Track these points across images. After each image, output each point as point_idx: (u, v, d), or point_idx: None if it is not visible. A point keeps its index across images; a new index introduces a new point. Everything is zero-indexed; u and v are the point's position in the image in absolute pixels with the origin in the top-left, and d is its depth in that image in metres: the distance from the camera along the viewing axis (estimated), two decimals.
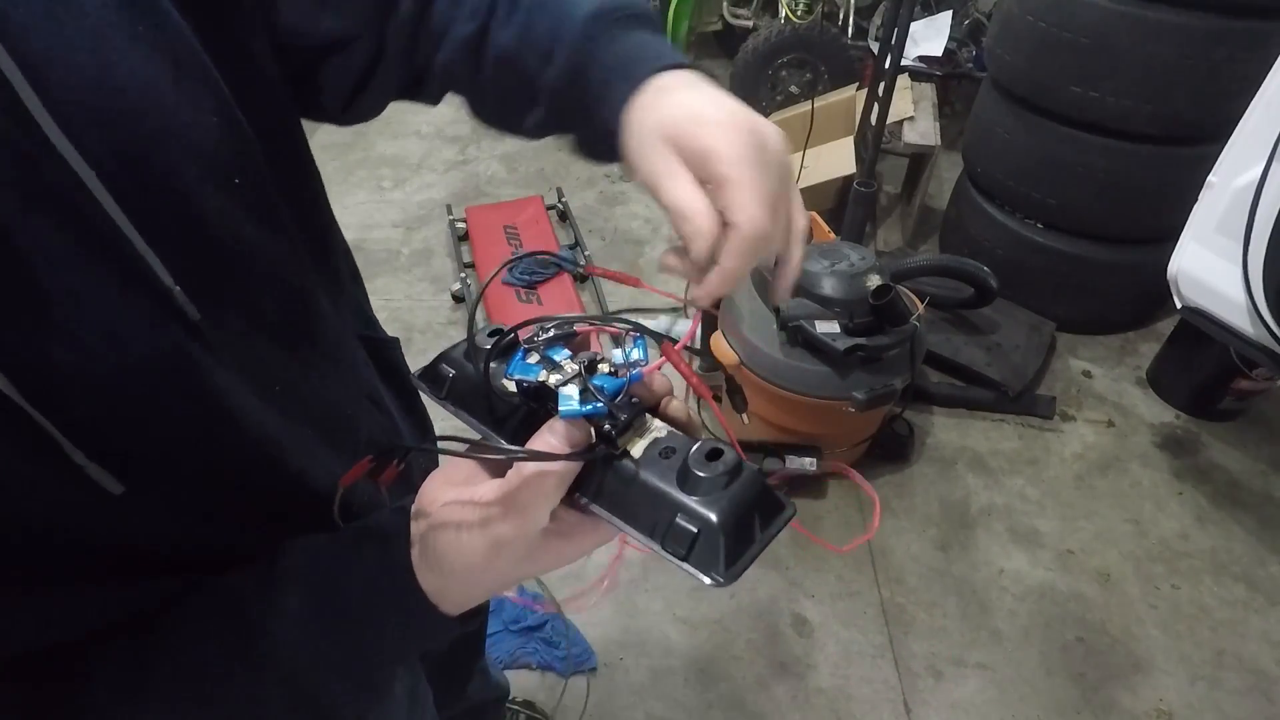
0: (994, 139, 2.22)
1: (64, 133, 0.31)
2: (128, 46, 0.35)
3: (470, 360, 0.43)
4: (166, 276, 0.36)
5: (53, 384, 0.32)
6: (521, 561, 0.39)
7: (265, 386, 0.44)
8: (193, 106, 0.38)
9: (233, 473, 0.42)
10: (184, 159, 0.37)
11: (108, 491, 0.35)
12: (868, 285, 1.54)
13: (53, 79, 0.31)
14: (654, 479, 0.36)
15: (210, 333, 0.39)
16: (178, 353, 0.37)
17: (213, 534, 0.42)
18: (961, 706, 1.52)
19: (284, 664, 0.40)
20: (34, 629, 0.37)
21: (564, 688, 1.54)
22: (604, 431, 0.37)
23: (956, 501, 1.89)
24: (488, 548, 0.37)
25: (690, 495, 0.35)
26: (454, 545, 0.38)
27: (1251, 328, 1.34)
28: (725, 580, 0.34)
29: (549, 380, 0.38)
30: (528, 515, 0.37)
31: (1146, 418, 2.11)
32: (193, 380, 0.38)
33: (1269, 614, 1.67)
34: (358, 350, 0.61)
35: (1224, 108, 1.55)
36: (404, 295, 2.50)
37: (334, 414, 0.52)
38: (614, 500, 0.37)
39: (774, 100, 3.11)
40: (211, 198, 0.39)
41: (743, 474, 0.36)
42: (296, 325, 0.48)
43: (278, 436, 0.44)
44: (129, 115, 0.35)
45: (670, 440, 0.38)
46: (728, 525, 0.34)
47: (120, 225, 0.34)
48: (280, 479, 0.45)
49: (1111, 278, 2.21)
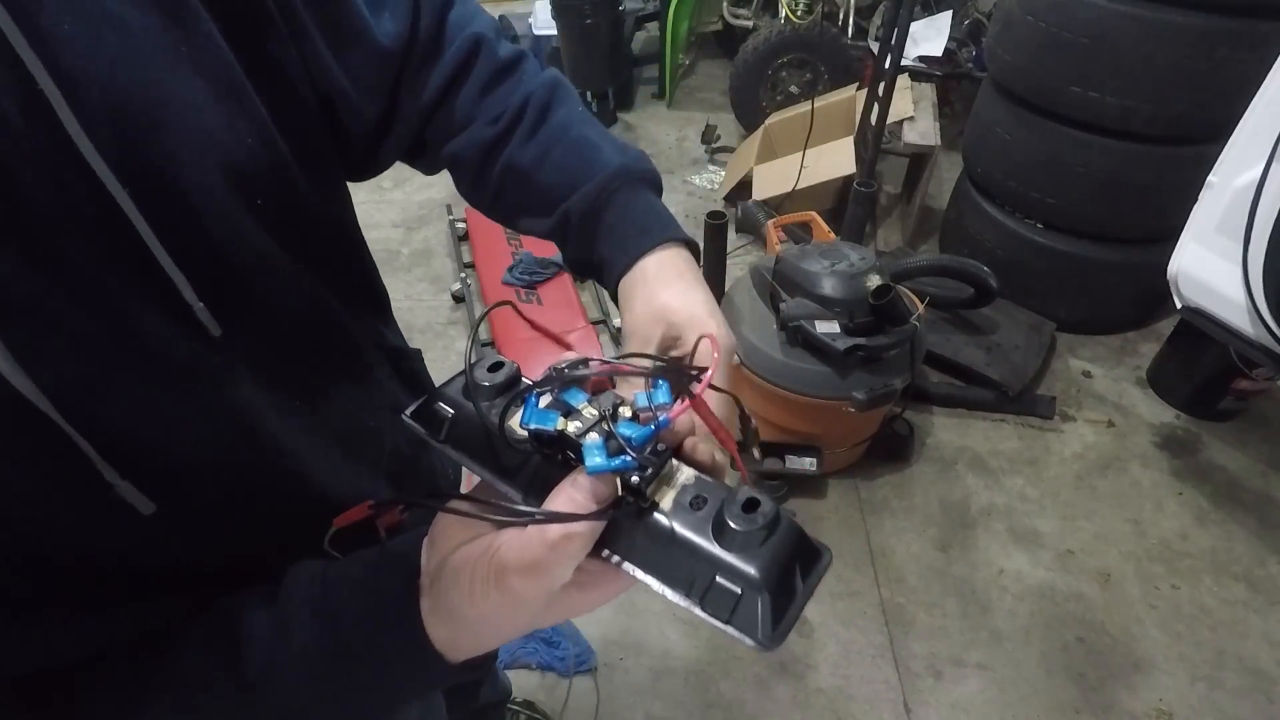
0: (994, 139, 2.22)
1: (99, 151, 0.32)
2: (170, 66, 0.35)
3: (470, 399, 0.37)
4: (189, 292, 0.36)
5: (85, 399, 0.32)
6: (539, 616, 0.37)
7: (286, 401, 0.44)
8: (230, 127, 0.39)
9: (256, 488, 0.42)
10: (217, 178, 0.38)
11: (138, 512, 0.35)
12: (868, 285, 1.54)
13: (92, 97, 0.32)
14: (688, 533, 0.33)
15: (231, 349, 0.39)
16: (199, 368, 0.37)
17: (237, 551, 0.42)
18: (961, 706, 1.52)
19: (282, 700, 0.39)
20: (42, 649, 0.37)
21: (564, 688, 1.54)
22: (631, 484, 0.34)
23: (956, 501, 1.89)
24: (504, 606, 0.35)
25: (728, 551, 0.33)
26: (468, 599, 0.35)
27: (1251, 328, 1.34)
28: (771, 645, 0.32)
29: (568, 429, 0.34)
30: (548, 575, 0.34)
31: (1146, 418, 2.11)
32: (214, 395, 0.38)
33: (1269, 614, 1.67)
34: (381, 363, 0.61)
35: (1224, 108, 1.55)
36: (404, 295, 2.50)
37: (356, 427, 0.53)
38: (645, 557, 0.34)
39: (774, 100, 3.11)
40: (240, 217, 0.40)
41: (781, 525, 0.33)
42: (317, 341, 0.48)
43: (300, 451, 0.44)
44: (166, 134, 0.35)
45: (700, 488, 0.35)
46: (771, 583, 0.32)
47: (148, 242, 0.34)
48: (303, 493, 0.45)
49: (1111, 278, 2.21)
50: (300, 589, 0.40)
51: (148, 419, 0.35)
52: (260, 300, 0.42)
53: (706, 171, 3.14)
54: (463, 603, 0.36)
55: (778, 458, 1.79)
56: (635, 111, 3.57)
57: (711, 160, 3.20)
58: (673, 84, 3.59)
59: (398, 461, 0.57)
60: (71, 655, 0.37)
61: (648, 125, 3.47)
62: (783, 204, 2.61)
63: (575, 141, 0.56)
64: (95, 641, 0.38)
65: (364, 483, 0.52)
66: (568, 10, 3.05)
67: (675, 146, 3.32)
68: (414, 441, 0.61)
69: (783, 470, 1.79)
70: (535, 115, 0.56)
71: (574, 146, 0.56)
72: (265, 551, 0.43)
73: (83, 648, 0.38)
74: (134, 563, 0.38)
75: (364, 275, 0.59)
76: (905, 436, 1.98)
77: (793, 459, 1.78)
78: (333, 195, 0.53)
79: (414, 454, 0.61)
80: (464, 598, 0.35)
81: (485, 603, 0.35)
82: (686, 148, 3.30)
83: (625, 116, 3.50)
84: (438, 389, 0.39)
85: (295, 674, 0.38)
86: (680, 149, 3.30)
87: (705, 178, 3.10)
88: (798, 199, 2.58)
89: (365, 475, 0.52)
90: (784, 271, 1.63)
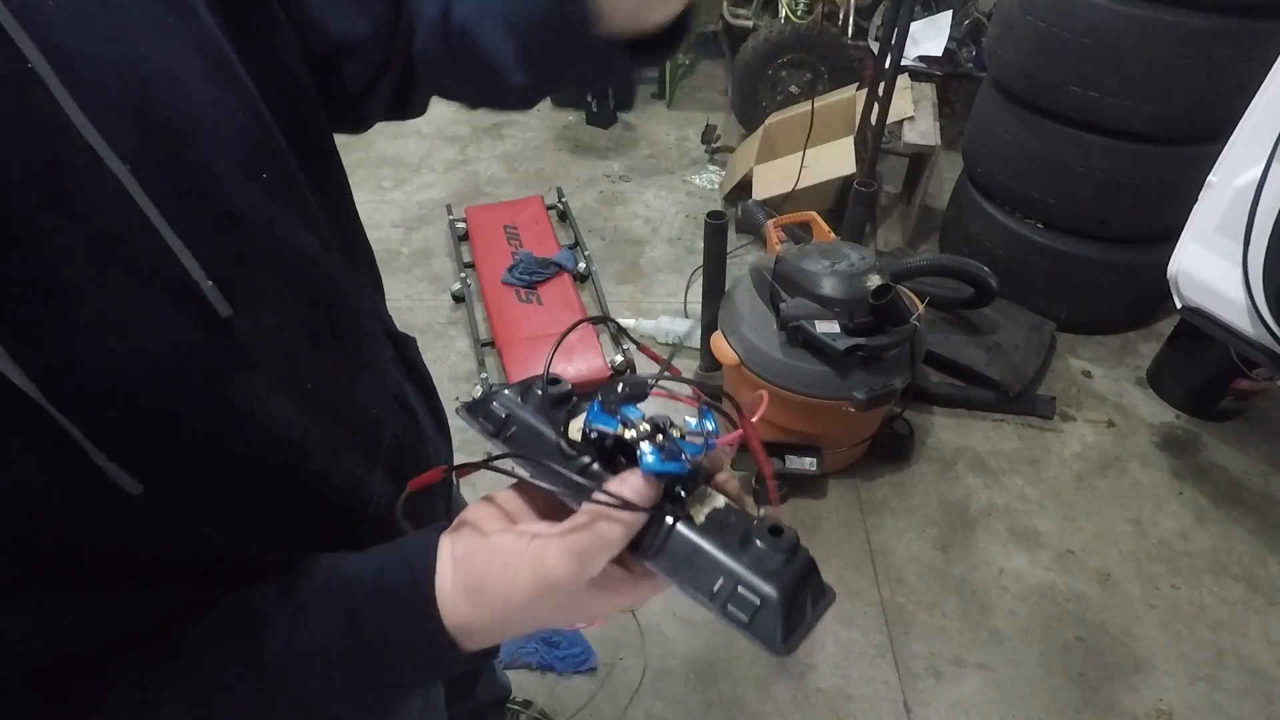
0: (994, 139, 2.22)
1: (95, 126, 0.31)
2: (158, 40, 0.35)
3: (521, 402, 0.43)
4: (198, 271, 0.35)
5: (74, 383, 0.32)
6: (560, 608, 0.38)
7: (294, 384, 0.43)
8: (222, 101, 0.38)
9: (252, 471, 0.41)
10: (216, 153, 0.37)
11: (127, 492, 0.35)
12: (868, 285, 1.54)
13: (83, 73, 0.31)
14: (717, 547, 0.37)
15: (240, 329, 0.38)
16: (204, 349, 0.37)
17: (231, 535, 0.42)
18: (961, 706, 1.52)
19: (299, 685, 0.39)
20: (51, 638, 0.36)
21: (564, 688, 1.54)
22: (673, 492, 0.38)
23: (956, 501, 1.89)
24: (536, 587, 0.36)
25: (751, 568, 0.36)
26: (500, 578, 0.37)
27: (1251, 328, 1.34)
28: (784, 652, 0.35)
29: (625, 434, 0.38)
30: (588, 562, 0.36)
31: (1146, 418, 2.11)
32: (217, 377, 0.38)
33: (1269, 614, 1.67)
34: (386, 349, 0.60)
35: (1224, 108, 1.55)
36: (404, 295, 2.50)
37: (361, 414, 0.52)
38: (674, 562, 0.37)
39: (774, 100, 3.11)
40: (243, 192, 0.39)
41: (800, 554, 0.37)
42: (327, 323, 0.47)
43: (301, 436, 0.43)
44: (160, 108, 0.34)
45: (729, 512, 0.39)
46: (787, 598, 0.36)
47: (152, 219, 0.33)
48: (301, 479, 0.45)
49: (1111, 278, 2.21)
50: (316, 577, 0.40)
51: (142, 403, 0.34)
52: (269, 279, 0.41)
53: (706, 171, 3.14)
54: (493, 583, 0.37)
55: (778, 457, 1.79)
56: (635, 111, 3.57)
57: (711, 160, 3.20)
58: (673, 84, 3.59)
59: (395, 451, 0.56)
60: (82, 644, 0.37)
61: (648, 125, 3.47)
62: (783, 204, 2.61)
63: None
64: (105, 630, 0.38)
65: (362, 471, 0.51)
66: None
67: (675, 146, 3.32)
68: (412, 431, 0.61)
69: (783, 470, 1.79)
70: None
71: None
72: (261, 534, 0.43)
73: (93, 636, 0.37)
74: (126, 546, 0.37)
75: (366, 255, 0.59)
76: (905, 436, 1.98)
77: (793, 459, 1.78)
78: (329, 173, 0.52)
79: (411, 444, 0.60)
80: (496, 578, 0.37)
81: (517, 584, 0.36)
82: (686, 148, 3.30)
83: (625, 116, 3.50)
84: (495, 390, 0.45)
85: (311, 659, 0.39)
86: (680, 149, 3.30)
87: (705, 178, 3.11)
88: (798, 199, 2.58)
89: (363, 464, 0.51)
90: (784, 271, 1.63)
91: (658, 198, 2.99)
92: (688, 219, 2.87)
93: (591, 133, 3.41)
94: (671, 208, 2.94)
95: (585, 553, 0.36)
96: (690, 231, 2.79)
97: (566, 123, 3.47)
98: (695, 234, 2.71)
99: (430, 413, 0.68)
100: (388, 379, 0.58)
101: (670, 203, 2.97)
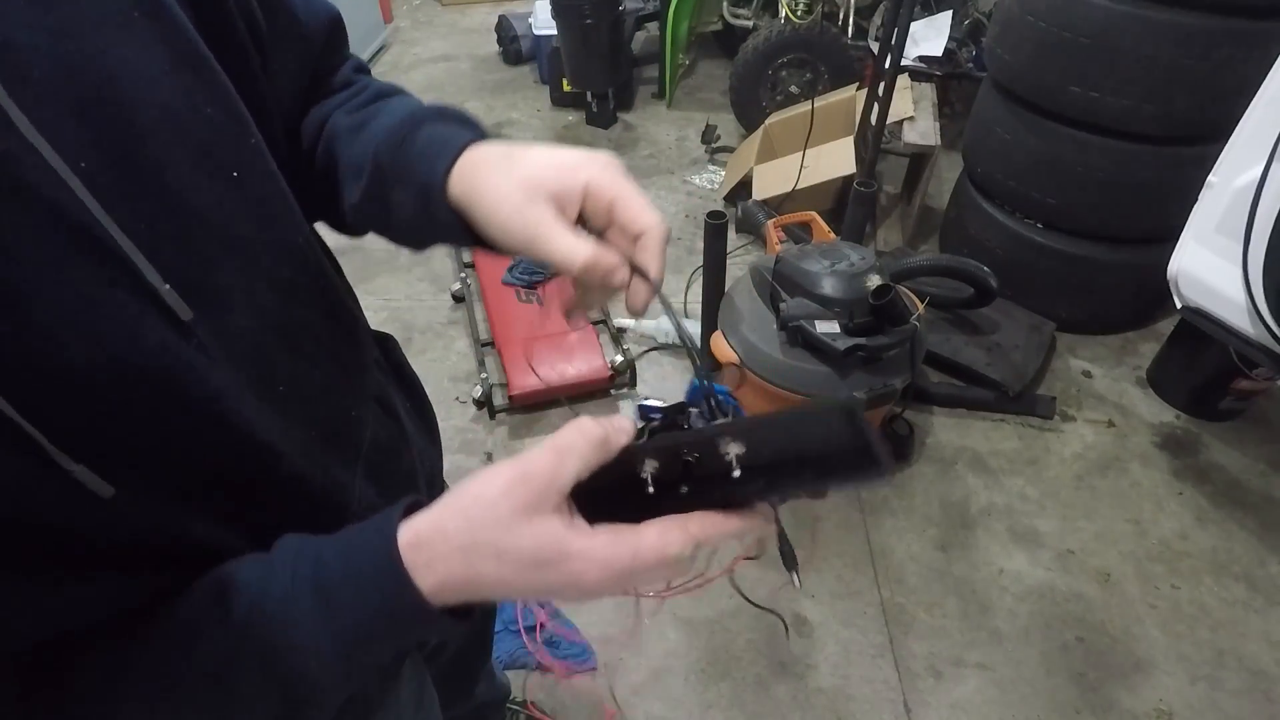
0: (994, 139, 2.22)
1: (37, 128, 0.30)
2: (120, 35, 0.34)
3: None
4: (153, 275, 0.35)
5: (35, 387, 0.31)
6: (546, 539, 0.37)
7: (267, 387, 0.42)
8: (189, 97, 0.37)
9: (226, 474, 0.41)
10: (177, 150, 0.36)
11: (97, 495, 0.34)
12: (868, 285, 1.54)
13: (33, 70, 0.30)
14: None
15: (204, 332, 0.37)
16: (165, 353, 0.36)
17: (205, 535, 0.41)
18: (961, 706, 1.52)
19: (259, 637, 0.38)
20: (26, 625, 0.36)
21: (564, 688, 1.54)
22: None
23: (956, 501, 1.89)
24: (510, 476, 0.37)
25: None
26: (473, 482, 0.38)
27: (1251, 328, 1.34)
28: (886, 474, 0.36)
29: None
30: (565, 457, 0.37)
31: (1146, 418, 2.11)
32: (182, 381, 0.37)
33: (1269, 614, 1.67)
34: (371, 350, 0.59)
35: (1224, 108, 1.55)
36: (404, 295, 2.50)
37: (338, 416, 0.51)
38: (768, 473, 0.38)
39: (774, 100, 3.11)
40: (207, 191, 0.38)
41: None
42: (302, 323, 0.46)
43: (274, 439, 0.43)
44: (117, 105, 0.34)
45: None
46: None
47: (102, 222, 0.32)
48: (278, 481, 0.44)
49: (1111, 278, 2.21)
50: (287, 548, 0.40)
51: (106, 406, 0.34)
52: (238, 279, 0.40)
53: (706, 171, 3.14)
54: (466, 486, 0.38)
55: None
56: (635, 111, 3.57)
57: (711, 160, 3.20)
58: (673, 84, 3.59)
59: (377, 453, 0.55)
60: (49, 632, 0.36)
61: (648, 125, 3.47)
62: (783, 204, 2.61)
63: (395, 107, 0.52)
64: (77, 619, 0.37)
65: (340, 472, 0.50)
66: (568, 10, 3.05)
67: (675, 146, 3.32)
68: (395, 436, 0.60)
69: None
70: (370, 95, 0.54)
71: (394, 110, 0.51)
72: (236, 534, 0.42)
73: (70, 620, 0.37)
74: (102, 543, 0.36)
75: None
76: (905, 436, 1.98)
77: None
78: None
79: (394, 447, 0.59)
80: (469, 485, 0.38)
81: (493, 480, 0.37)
82: (686, 148, 3.30)
83: (625, 116, 3.50)
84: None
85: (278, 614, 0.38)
86: (680, 149, 3.30)
87: (705, 178, 3.11)
88: (798, 199, 2.58)
89: (340, 465, 0.50)
90: (784, 271, 1.63)
91: (658, 198, 2.99)
92: (688, 219, 2.87)
93: (591, 133, 3.41)
94: (671, 208, 2.94)
95: (563, 449, 0.37)
96: (690, 232, 2.79)
97: (566, 123, 3.47)
98: (695, 234, 2.71)
99: (417, 414, 0.68)
100: (369, 380, 0.57)
101: (670, 203, 2.97)
